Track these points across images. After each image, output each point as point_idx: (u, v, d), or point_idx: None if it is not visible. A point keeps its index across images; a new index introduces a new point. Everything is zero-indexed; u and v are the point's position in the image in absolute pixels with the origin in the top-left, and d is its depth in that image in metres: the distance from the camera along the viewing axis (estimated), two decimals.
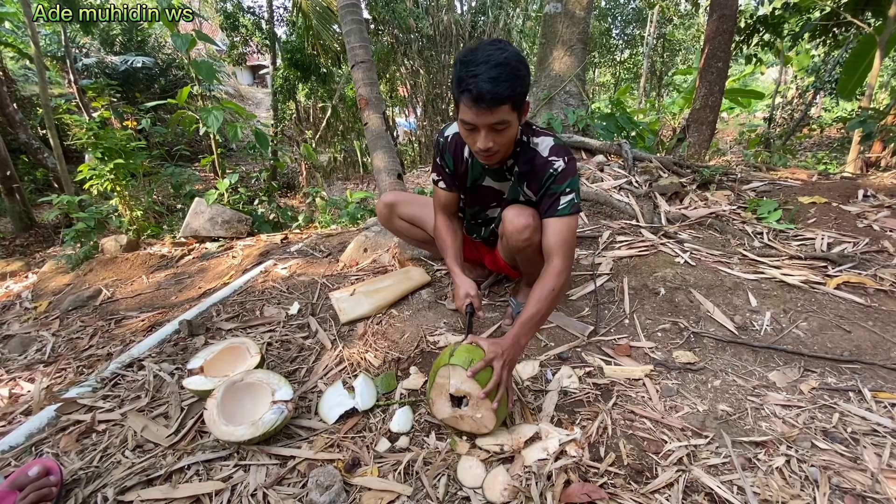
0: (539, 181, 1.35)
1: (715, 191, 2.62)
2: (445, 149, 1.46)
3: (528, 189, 1.40)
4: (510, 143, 1.27)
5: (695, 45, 14.25)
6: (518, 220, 1.37)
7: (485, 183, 1.48)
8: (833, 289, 1.65)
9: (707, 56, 4.68)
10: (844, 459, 1.05)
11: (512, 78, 1.12)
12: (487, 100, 1.11)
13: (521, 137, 1.36)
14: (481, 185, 1.48)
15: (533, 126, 1.41)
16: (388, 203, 1.79)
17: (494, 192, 1.49)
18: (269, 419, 1.20)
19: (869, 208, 2.23)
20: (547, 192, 1.34)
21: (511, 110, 1.17)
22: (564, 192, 1.32)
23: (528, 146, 1.36)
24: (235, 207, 3.69)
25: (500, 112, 1.15)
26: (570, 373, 1.38)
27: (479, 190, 1.50)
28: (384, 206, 1.80)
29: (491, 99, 1.11)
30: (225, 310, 1.99)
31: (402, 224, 1.81)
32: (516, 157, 1.38)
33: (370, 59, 4.29)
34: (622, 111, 3.87)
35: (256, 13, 10.10)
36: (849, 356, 1.37)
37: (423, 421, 1.28)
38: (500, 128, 1.18)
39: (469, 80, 1.12)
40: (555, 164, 1.32)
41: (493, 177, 1.45)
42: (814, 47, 7.89)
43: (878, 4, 5.06)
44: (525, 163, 1.37)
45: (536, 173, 1.35)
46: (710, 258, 1.89)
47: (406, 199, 1.80)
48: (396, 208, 1.78)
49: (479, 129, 1.19)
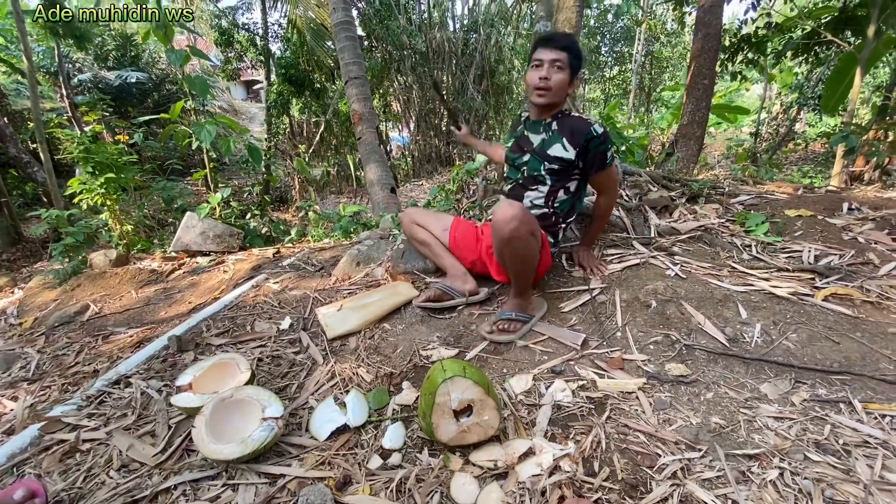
0: (581, 137, 1.68)
1: (704, 204, 2.66)
2: (518, 117, 2.02)
3: (569, 143, 1.71)
4: (560, 88, 1.68)
5: (681, 63, 14.59)
6: (507, 211, 1.49)
7: (525, 134, 1.86)
8: (821, 300, 1.67)
9: (693, 73, 4.79)
10: (837, 471, 1.05)
11: (572, 41, 1.68)
12: (553, 40, 1.66)
13: (564, 110, 1.78)
14: (523, 135, 1.87)
15: None
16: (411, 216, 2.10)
17: (528, 141, 1.84)
18: (258, 437, 1.18)
19: (854, 221, 2.27)
20: (594, 150, 1.70)
21: (567, 60, 1.65)
22: (607, 149, 1.71)
23: (570, 115, 1.77)
24: (227, 221, 3.67)
25: (560, 53, 1.64)
26: (563, 386, 1.38)
27: (520, 140, 1.89)
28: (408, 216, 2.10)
29: (555, 40, 1.66)
30: (215, 325, 1.97)
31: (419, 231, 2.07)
32: (556, 119, 1.76)
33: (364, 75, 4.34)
34: (612, 126, 3.94)
35: (251, 29, 10.21)
36: (838, 367, 1.38)
37: (416, 437, 1.26)
38: (557, 65, 1.65)
39: (547, 34, 1.69)
40: (594, 125, 1.68)
41: (531, 131, 1.84)
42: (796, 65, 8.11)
43: (857, 24, 5.23)
44: (565, 122, 1.74)
45: (577, 130, 1.69)
46: (700, 271, 1.91)
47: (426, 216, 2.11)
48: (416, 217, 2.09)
49: (544, 63, 1.65)
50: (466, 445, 1.18)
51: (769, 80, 10.20)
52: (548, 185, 1.79)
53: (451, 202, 2.85)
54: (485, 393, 1.17)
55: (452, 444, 1.17)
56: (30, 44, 6.21)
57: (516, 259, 1.57)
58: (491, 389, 1.21)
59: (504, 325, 1.64)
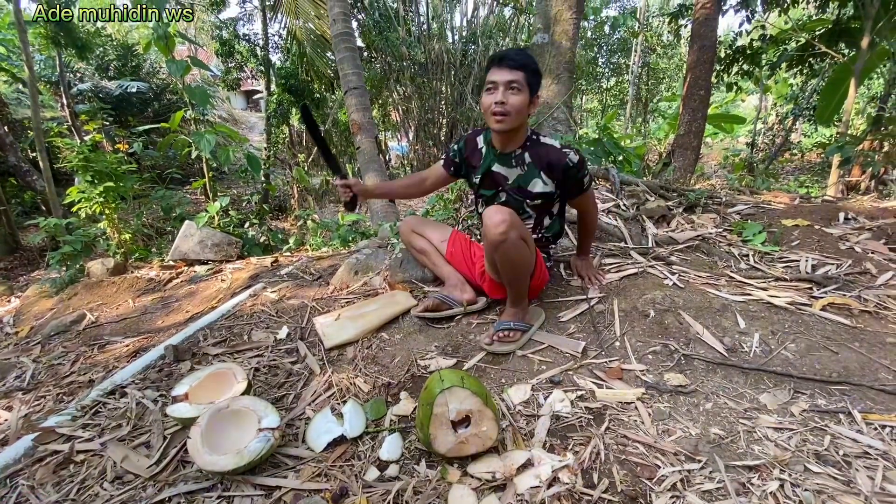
0: (559, 171, 1.63)
1: (701, 214, 2.67)
2: (460, 140, 1.86)
3: (549, 176, 1.66)
4: (518, 111, 1.54)
5: (678, 74, 14.74)
6: (496, 216, 1.48)
7: (494, 168, 1.73)
8: (819, 310, 1.67)
9: (689, 84, 4.85)
10: (838, 483, 1.05)
11: (528, 58, 1.54)
12: (507, 61, 1.51)
13: (532, 136, 1.68)
14: (492, 170, 1.74)
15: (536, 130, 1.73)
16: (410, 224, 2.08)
17: (502, 177, 1.73)
18: (254, 448, 1.16)
19: (850, 231, 2.28)
20: (572, 179, 1.66)
21: (525, 81, 1.52)
22: (584, 175, 1.67)
23: (539, 142, 1.67)
24: (226, 230, 3.67)
25: (515, 74, 1.50)
26: (562, 397, 1.37)
27: (491, 175, 1.76)
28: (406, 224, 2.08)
29: (510, 61, 1.51)
30: (212, 334, 1.96)
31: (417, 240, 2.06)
32: (526, 148, 1.67)
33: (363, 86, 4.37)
34: (609, 136, 3.96)
35: (252, 40, 10.30)
36: (837, 377, 1.37)
37: (414, 448, 1.25)
38: (514, 86, 1.51)
39: (500, 54, 1.54)
40: (569, 155, 1.62)
41: (501, 163, 1.72)
42: (791, 76, 8.21)
43: (850, 36, 5.31)
44: (538, 154, 1.66)
45: (554, 163, 1.63)
46: (698, 280, 1.91)
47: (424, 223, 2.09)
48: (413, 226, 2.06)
49: (498, 86, 1.51)
50: (464, 457, 1.17)
51: (764, 91, 10.31)
52: (533, 217, 1.77)
53: (449, 211, 2.86)
54: (483, 403, 1.16)
55: (450, 455, 1.16)
56: (31, 53, 6.26)
57: (509, 265, 1.56)
58: (489, 400, 1.20)
59: (503, 335, 1.63)
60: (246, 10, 10.47)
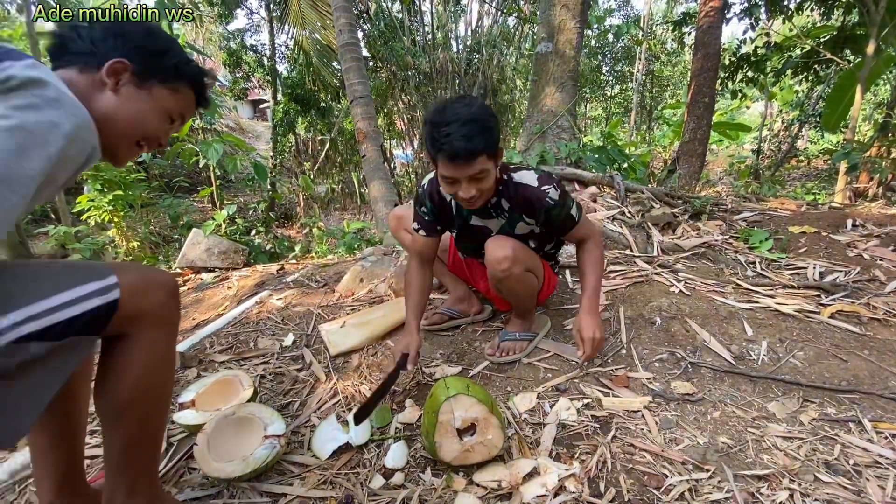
0: (539, 211, 1.42)
1: (707, 221, 2.67)
2: (424, 197, 1.54)
3: (530, 218, 1.47)
4: (491, 187, 1.34)
5: (682, 81, 14.78)
6: (498, 251, 1.40)
7: (473, 222, 1.54)
8: (827, 318, 1.65)
9: (694, 91, 4.86)
10: (848, 493, 1.03)
11: (482, 131, 1.20)
12: (463, 156, 1.20)
13: (502, 177, 1.43)
14: (470, 223, 1.54)
15: (509, 165, 1.49)
16: (397, 216, 1.84)
17: (484, 231, 1.54)
18: (260, 455, 1.17)
19: (858, 237, 2.27)
20: (557, 217, 1.43)
21: (487, 159, 1.24)
22: (570, 208, 1.44)
23: (511, 182, 1.43)
24: (232, 238, 3.71)
25: (477, 164, 1.23)
26: (568, 405, 1.37)
27: (470, 229, 1.56)
28: (394, 217, 1.86)
29: (467, 154, 1.20)
30: (218, 341, 1.97)
31: (408, 237, 1.76)
32: (501, 194, 1.44)
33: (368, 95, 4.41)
34: (613, 144, 3.97)
35: (259, 50, 10.44)
36: (847, 386, 1.36)
37: (419, 456, 1.25)
38: (480, 176, 1.26)
39: (443, 141, 1.20)
40: (549, 193, 1.39)
41: (479, 215, 1.51)
42: (797, 83, 8.20)
43: (856, 42, 5.31)
44: (515, 197, 1.43)
45: (533, 204, 1.41)
46: (704, 287, 1.91)
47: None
48: (404, 221, 1.80)
49: (460, 180, 1.26)
50: (470, 465, 1.16)
51: (770, 98, 10.30)
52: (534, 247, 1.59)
53: None
54: (489, 411, 1.16)
55: (456, 463, 1.15)
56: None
57: (511, 293, 1.54)
58: (495, 408, 1.20)
59: (508, 346, 1.63)
60: (253, 21, 10.66)
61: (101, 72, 0.84)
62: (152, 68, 0.89)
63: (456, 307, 1.89)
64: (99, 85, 0.85)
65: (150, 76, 0.88)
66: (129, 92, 0.87)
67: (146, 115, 0.89)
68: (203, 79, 0.98)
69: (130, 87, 0.87)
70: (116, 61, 0.84)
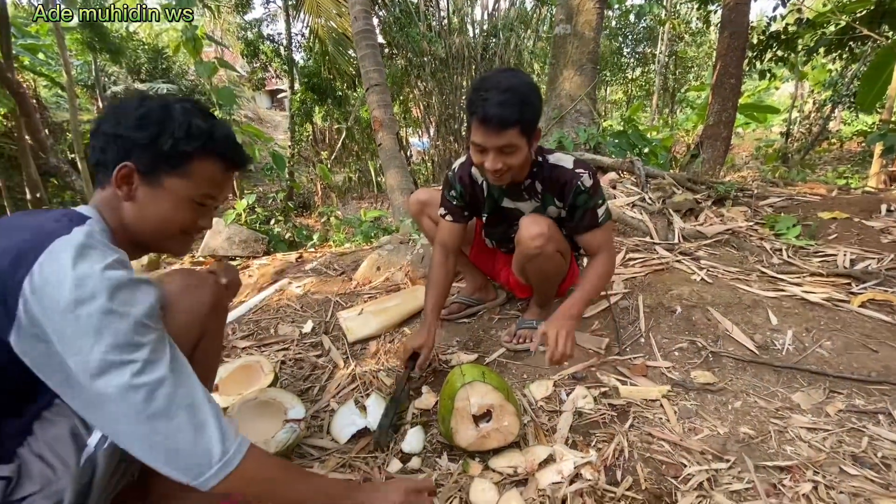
0: (568, 193, 1.38)
1: (731, 207, 2.59)
2: (454, 180, 1.52)
3: (559, 201, 1.43)
4: (520, 166, 1.31)
5: (707, 62, 14.24)
6: (533, 227, 1.37)
7: (504, 204, 1.51)
8: (857, 307, 1.60)
9: (719, 72, 4.68)
10: (875, 486, 1.00)
11: (520, 103, 1.17)
12: (494, 122, 1.17)
13: (538, 158, 1.40)
14: (502, 206, 1.52)
15: (545, 148, 1.45)
16: (420, 200, 1.76)
17: (515, 213, 1.51)
18: (280, 438, 1.20)
19: (893, 223, 2.17)
20: (582, 206, 1.38)
21: (519, 135, 1.21)
22: (598, 204, 1.39)
23: (547, 164, 1.40)
24: (252, 227, 3.77)
25: (507, 135, 1.19)
26: (584, 393, 1.36)
27: (502, 211, 1.53)
28: (416, 202, 1.78)
29: (498, 122, 1.17)
30: (240, 328, 2.01)
31: (429, 224, 1.75)
32: (535, 176, 1.41)
33: (384, 82, 4.39)
34: (634, 128, 3.88)
35: (275, 40, 10.48)
36: (876, 377, 1.31)
37: (435, 441, 1.26)
38: (508, 150, 1.23)
39: (479, 103, 1.18)
40: (582, 176, 1.36)
41: (511, 197, 1.49)
42: (830, 61, 7.82)
43: (894, 17, 5.01)
44: (550, 179, 1.40)
45: (564, 186, 1.38)
46: (727, 275, 1.86)
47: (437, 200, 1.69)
48: (426, 208, 1.75)
49: (488, 150, 1.23)
50: (486, 451, 1.17)
51: (801, 78, 9.86)
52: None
53: None
54: (504, 398, 1.16)
55: (472, 449, 1.16)
56: (69, 59, 6.54)
57: (541, 276, 1.52)
58: (511, 395, 1.20)
59: (525, 334, 1.62)
60: (269, 11, 10.66)
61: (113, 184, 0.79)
62: (155, 159, 0.80)
63: (473, 296, 1.89)
64: (118, 197, 0.81)
65: (156, 169, 0.80)
66: (144, 195, 0.81)
67: (168, 214, 0.82)
68: (219, 137, 0.84)
69: (144, 189, 0.81)
70: (120, 167, 0.79)
